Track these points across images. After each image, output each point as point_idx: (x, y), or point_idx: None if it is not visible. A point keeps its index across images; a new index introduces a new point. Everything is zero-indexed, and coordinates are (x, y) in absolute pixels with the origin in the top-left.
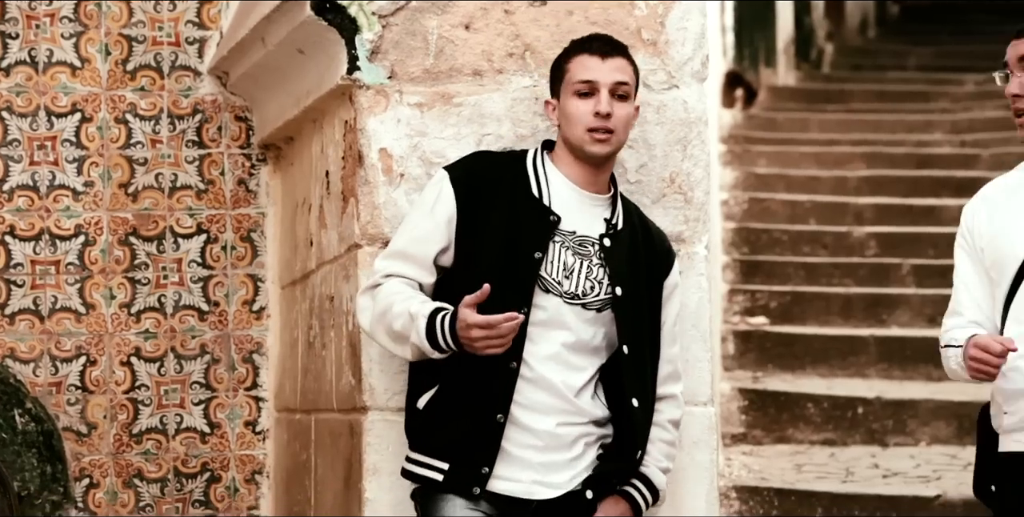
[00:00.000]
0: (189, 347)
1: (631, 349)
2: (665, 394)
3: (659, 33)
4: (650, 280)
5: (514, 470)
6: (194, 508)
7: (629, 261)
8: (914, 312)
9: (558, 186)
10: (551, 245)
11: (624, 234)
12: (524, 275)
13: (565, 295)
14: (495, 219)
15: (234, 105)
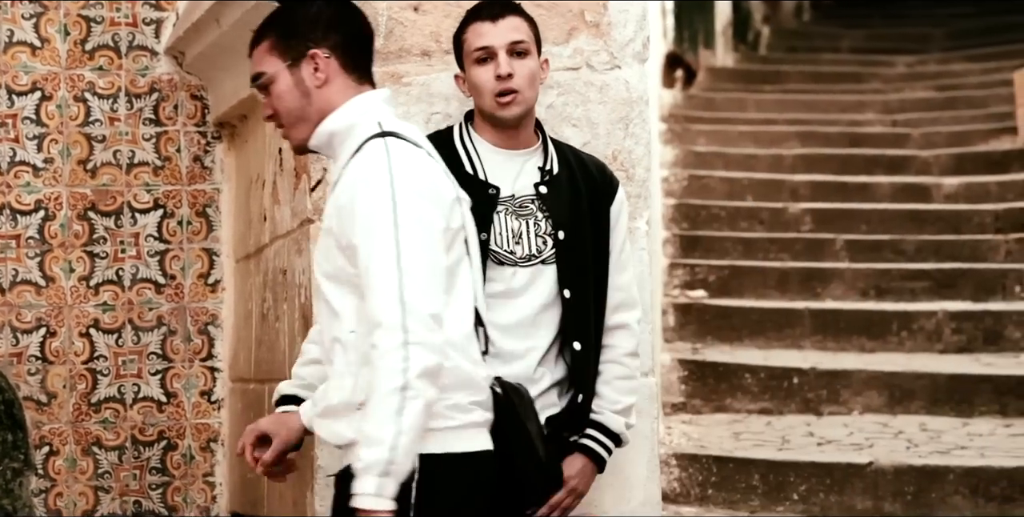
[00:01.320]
0: (146, 319)
1: (573, 293)
2: (616, 324)
3: (602, 15)
4: (595, 213)
5: None
6: (151, 475)
7: (570, 202)
8: (847, 286)
9: (488, 155)
10: (494, 217)
11: (562, 177)
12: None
13: (520, 261)
14: None
15: (190, 84)
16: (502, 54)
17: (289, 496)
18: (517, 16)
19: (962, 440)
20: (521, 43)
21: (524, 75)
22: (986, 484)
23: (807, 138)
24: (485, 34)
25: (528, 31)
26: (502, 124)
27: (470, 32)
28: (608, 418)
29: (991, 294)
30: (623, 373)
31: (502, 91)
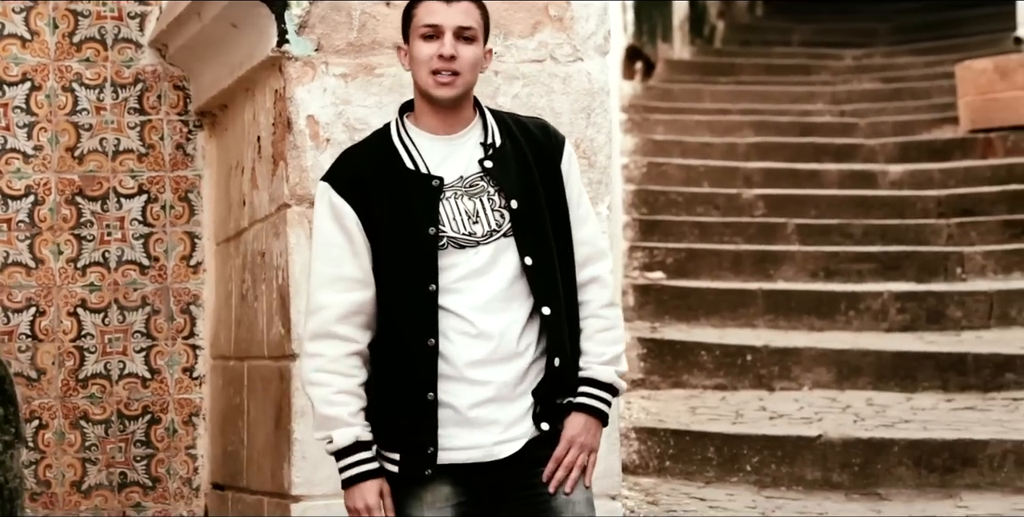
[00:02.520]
0: (131, 299)
1: (535, 259)
2: (587, 278)
3: (565, 10)
4: (546, 175)
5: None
6: (136, 447)
7: (519, 170)
8: (798, 267)
9: (426, 145)
10: (443, 204)
11: (506, 147)
12: (425, 252)
13: (482, 239)
14: (385, 206)
15: (173, 75)
16: (448, 35)
17: (267, 468)
18: (471, 2)
19: (906, 414)
20: (469, 29)
21: (468, 58)
22: (929, 456)
23: (760, 127)
24: (436, 12)
25: (479, 19)
26: (437, 103)
27: (421, 8)
28: (596, 371)
29: (934, 275)
30: (603, 325)
31: (441, 69)
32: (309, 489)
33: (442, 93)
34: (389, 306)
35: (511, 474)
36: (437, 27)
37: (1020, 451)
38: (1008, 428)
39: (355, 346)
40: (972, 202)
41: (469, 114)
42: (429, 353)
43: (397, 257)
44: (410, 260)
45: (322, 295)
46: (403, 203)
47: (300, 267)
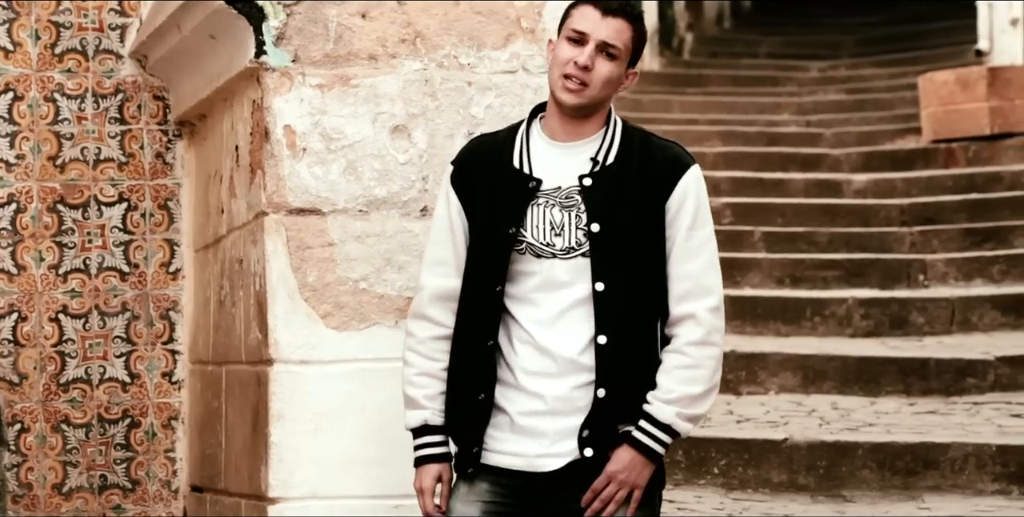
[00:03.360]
0: (111, 305)
1: (607, 285)
2: (680, 315)
3: (536, 22)
4: (649, 203)
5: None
6: (116, 450)
7: (619, 193)
8: (764, 274)
9: (540, 149)
10: (533, 210)
11: (615, 167)
12: (500, 251)
13: (560, 253)
14: (480, 203)
15: (152, 85)
16: (591, 46)
17: (245, 471)
18: (626, 21)
19: (870, 418)
20: (613, 47)
21: (602, 74)
22: (892, 458)
23: (728, 137)
24: (588, 20)
25: (628, 40)
26: (562, 108)
27: (578, 11)
28: (657, 408)
29: (897, 282)
30: (683, 362)
31: (571, 75)
32: (285, 491)
33: (565, 97)
34: (462, 300)
35: (555, 491)
36: (584, 34)
37: (981, 454)
38: (969, 431)
39: (443, 330)
40: (934, 211)
41: (593, 127)
42: (487, 354)
43: (476, 252)
44: (485, 257)
45: (423, 276)
46: (495, 199)
47: (277, 273)
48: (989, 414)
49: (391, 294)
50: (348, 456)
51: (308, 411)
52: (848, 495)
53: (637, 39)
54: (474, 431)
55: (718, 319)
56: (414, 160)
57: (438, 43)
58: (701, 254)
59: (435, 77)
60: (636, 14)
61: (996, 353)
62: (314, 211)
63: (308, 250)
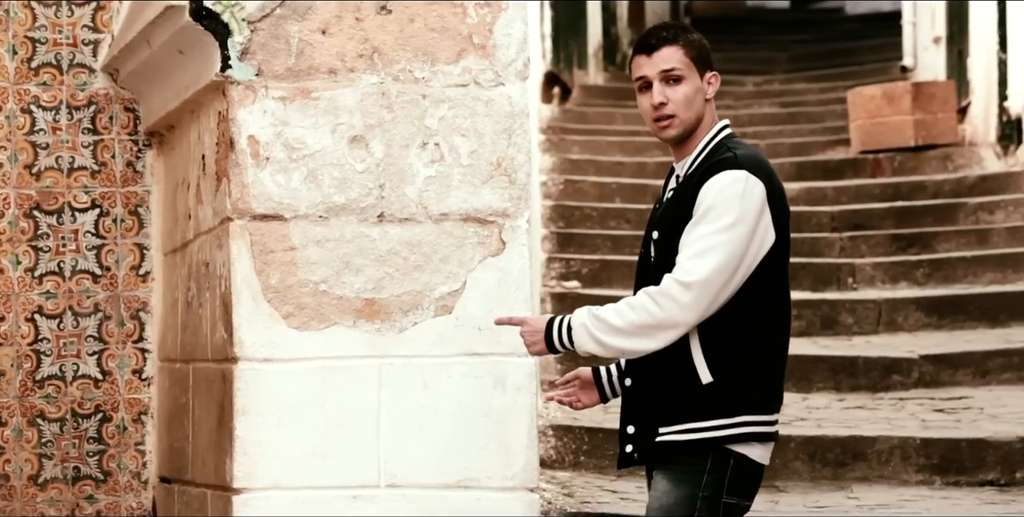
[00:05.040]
0: (84, 306)
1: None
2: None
3: (487, 38)
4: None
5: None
6: (89, 444)
7: (676, 205)
8: None
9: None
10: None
11: (687, 180)
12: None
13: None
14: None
15: (123, 98)
16: (656, 84)
17: (211, 463)
18: (671, 46)
19: (802, 413)
20: (673, 71)
21: (678, 100)
22: (822, 451)
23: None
24: (642, 66)
25: (682, 58)
26: (667, 143)
27: (634, 63)
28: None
29: (827, 285)
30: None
31: (658, 117)
32: (250, 482)
33: (664, 135)
34: None
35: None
36: (644, 78)
37: (905, 447)
38: (894, 425)
39: None
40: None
41: (692, 146)
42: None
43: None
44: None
45: None
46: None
47: (241, 276)
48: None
49: (349, 295)
50: (309, 449)
51: (271, 406)
52: (781, 485)
53: (691, 52)
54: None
55: (679, 291)
56: (371, 169)
57: (394, 58)
58: (694, 244)
59: (391, 90)
60: (675, 35)
61: (920, 352)
62: (276, 217)
63: (271, 254)
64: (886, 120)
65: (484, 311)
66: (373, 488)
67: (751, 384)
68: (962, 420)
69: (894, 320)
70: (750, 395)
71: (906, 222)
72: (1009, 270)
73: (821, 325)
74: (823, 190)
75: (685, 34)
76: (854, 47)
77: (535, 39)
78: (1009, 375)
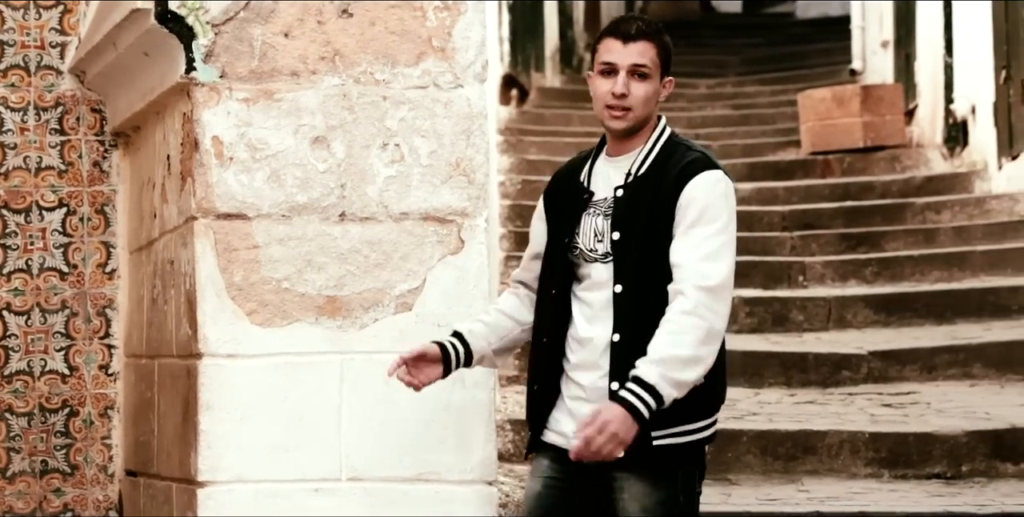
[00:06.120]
0: (52, 303)
1: (624, 288)
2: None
3: (447, 41)
4: (660, 214)
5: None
6: (56, 438)
7: (639, 204)
8: None
9: (599, 164)
10: (585, 219)
11: (644, 178)
12: (560, 258)
13: (600, 258)
14: (554, 213)
15: (90, 99)
16: (623, 74)
17: (176, 456)
18: (647, 41)
19: (754, 408)
20: (643, 67)
21: (639, 96)
22: (774, 445)
23: None
24: (613, 51)
25: (655, 57)
26: (609, 132)
27: (603, 45)
28: (644, 370)
29: (778, 283)
30: (670, 328)
31: (612, 105)
32: (214, 476)
33: (613, 125)
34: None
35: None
36: (612, 65)
37: (855, 440)
38: (844, 420)
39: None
40: (813, 217)
41: (639, 142)
42: (542, 349)
43: (546, 258)
44: (550, 262)
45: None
46: (562, 210)
47: (206, 274)
48: (862, 404)
49: (311, 293)
50: (272, 443)
51: (235, 401)
52: (734, 478)
53: (662, 53)
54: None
55: (709, 298)
56: (333, 169)
57: (355, 60)
58: (698, 249)
59: (352, 92)
60: (654, 31)
61: (869, 348)
62: (240, 216)
63: (234, 252)
64: (835, 122)
65: (443, 308)
66: (334, 481)
67: (723, 380)
68: (909, 415)
69: (843, 317)
70: (723, 391)
71: (855, 221)
72: (955, 269)
73: (772, 322)
74: (774, 190)
75: (661, 34)
76: (804, 51)
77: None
78: (955, 371)
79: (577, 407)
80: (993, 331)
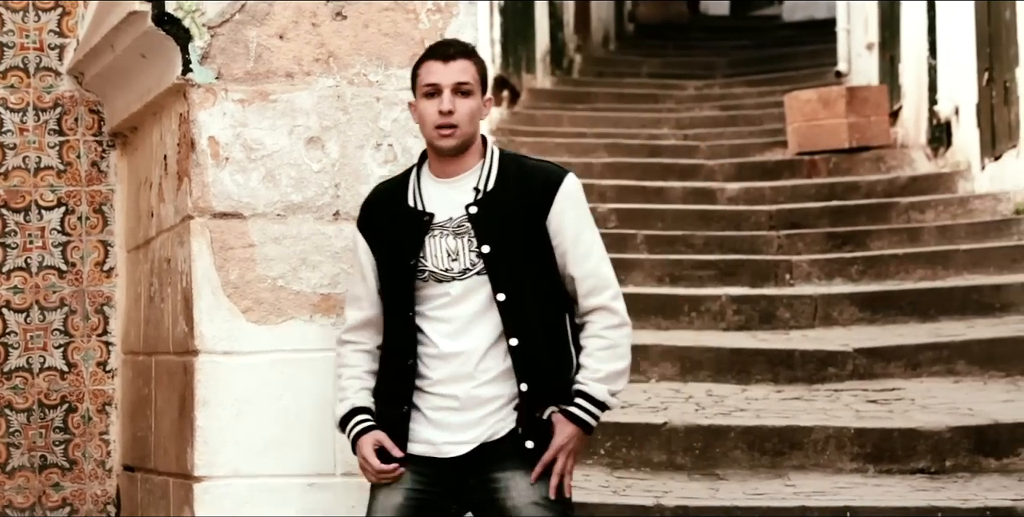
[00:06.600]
0: (51, 300)
1: (507, 295)
2: (591, 307)
3: None
4: (531, 219)
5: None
6: (55, 433)
7: (501, 216)
8: (646, 274)
9: (429, 187)
10: (429, 241)
11: (496, 193)
12: (406, 281)
13: (458, 275)
14: (385, 240)
15: (88, 100)
16: (447, 92)
17: (173, 452)
18: (467, 60)
19: (741, 403)
20: (466, 85)
21: (465, 112)
22: (761, 440)
23: (613, 149)
24: (435, 72)
25: (475, 74)
26: (440, 153)
27: (424, 68)
28: (592, 387)
29: (765, 281)
30: (604, 344)
31: (442, 125)
32: (210, 471)
33: (443, 143)
34: (385, 327)
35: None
36: (436, 85)
37: (840, 436)
38: (830, 416)
39: (363, 346)
40: (799, 216)
41: (472, 160)
42: (407, 371)
43: (388, 284)
44: (396, 288)
45: (346, 309)
46: (396, 236)
47: (202, 272)
48: (848, 400)
49: (306, 291)
50: (267, 439)
51: (230, 397)
52: (721, 473)
53: (481, 71)
54: (400, 434)
55: (622, 304)
56: (327, 169)
57: (349, 62)
58: (592, 254)
59: (346, 93)
60: (471, 50)
61: (854, 345)
62: (236, 215)
63: (230, 251)
64: (821, 123)
65: None
66: (329, 476)
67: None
68: (894, 411)
69: (829, 315)
70: None
71: (841, 221)
72: (939, 267)
73: (760, 320)
74: (761, 190)
75: (476, 53)
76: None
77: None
78: (939, 367)
79: (444, 417)
80: (976, 329)
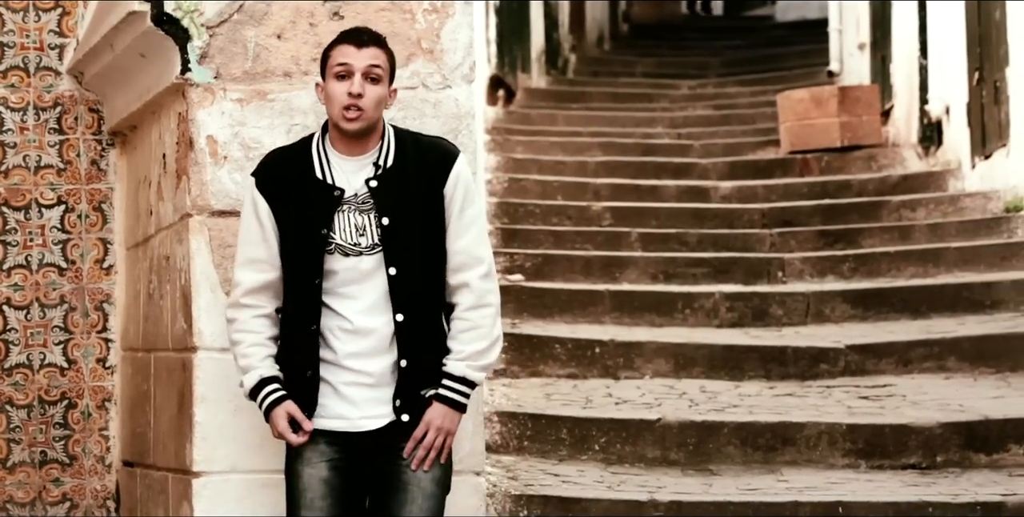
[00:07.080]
0: (51, 298)
1: (398, 270)
2: (457, 284)
3: (435, 43)
4: (427, 192)
5: (346, 408)
6: (55, 429)
7: (399, 190)
8: (640, 271)
9: (336, 162)
10: (339, 215)
11: (395, 168)
12: (315, 250)
13: (365, 250)
14: (292, 206)
15: (88, 99)
16: (358, 76)
17: (171, 447)
18: (379, 48)
19: (734, 400)
20: (376, 68)
21: (372, 97)
22: (754, 436)
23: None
24: (349, 55)
25: (385, 62)
26: (345, 134)
27: (337, 50)
28: (452, 366)
29: (758, 278)
30: (463, 327)
31: (349, 106)
32: (208, 466)
33: (349, 126)
34: (287, 293)
35: (379, 446)
36: (348, 67)
37: (832, 432)
38: (822, 412)
39: (263, 311)
40: (791, 214)
41: (374, 140)
42: (311, 337)
43: (295, 251)
44: (303, 255)
45: (239, 272)
46: (306, 206)
47: (200, 269)
48: (840, 396)
49: None
50: (264, 434)
51: (228, 394)
52: (714, 469)
53: (390, 60)
54: (306, 402)
55: (489, 283)
56: None
57: None
58: (470, 230)
59: None
60: (382, 40)
61: (846, 342)
62: (234, 213)
63: (228, 248)
64: (813, 122)
65: None
66: None
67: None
68: (886, 407)
69: (821, 312)
70: None
71: (833, 219)
72: (930, 265)
73: (752, 317)
74: (754, 188)
75: (387, 44)
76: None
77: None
78: (930, 364)
79: (356, 392)
80: (967, 325)
